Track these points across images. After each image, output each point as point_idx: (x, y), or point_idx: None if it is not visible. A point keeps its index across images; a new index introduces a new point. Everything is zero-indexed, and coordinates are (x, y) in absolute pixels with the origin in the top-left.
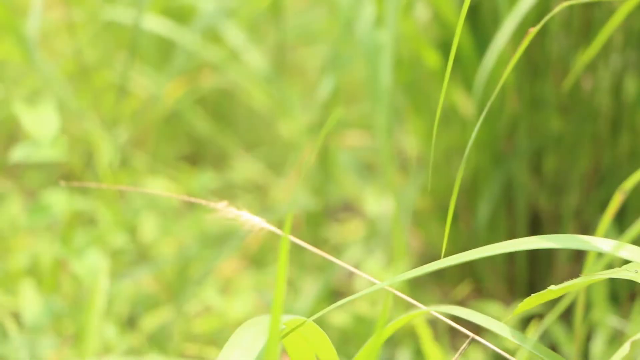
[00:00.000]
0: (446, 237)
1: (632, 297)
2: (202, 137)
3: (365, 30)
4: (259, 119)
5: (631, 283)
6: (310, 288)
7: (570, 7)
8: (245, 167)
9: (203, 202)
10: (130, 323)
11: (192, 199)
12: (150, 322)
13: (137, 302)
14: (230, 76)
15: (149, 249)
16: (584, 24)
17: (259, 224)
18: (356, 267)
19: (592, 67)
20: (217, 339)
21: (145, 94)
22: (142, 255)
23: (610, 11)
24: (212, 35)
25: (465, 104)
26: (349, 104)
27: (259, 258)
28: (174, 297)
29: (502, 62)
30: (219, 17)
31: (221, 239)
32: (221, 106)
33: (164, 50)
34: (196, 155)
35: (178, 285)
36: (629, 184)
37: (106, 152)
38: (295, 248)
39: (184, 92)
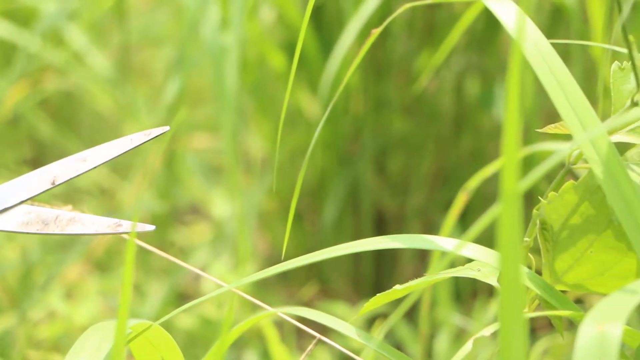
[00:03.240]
0: (287, 239)
1: (474, 295)
2: (45, 140)
3: (210, 32)
4: (103, 122)
5: (473, 281)
6: (157, 291)
7: (413, 9)
8: (90, 171)
9: (47, 206)
10: None
11: (36, 204)
12: None
13: None
14: (73, 79)
15: None
16: (426, 26)
17: None
18: (203, 269)
19: (435, 68)
20: (61, 345)
21: None
22: None
23: (452, 13)
24: (55, 38)
25: (311, 106)
26: (195, 106)
27: (104, 262)
28: (17, 303)
29: (347, 63)
30: (61, 19)
31: (65, 243)
32: (64, 109)
33: (5, 53)
34: (39, 159)
35: (21, 291)
36: (472, 183)
37: None
38: (142, 251)
39: (26, 95)
